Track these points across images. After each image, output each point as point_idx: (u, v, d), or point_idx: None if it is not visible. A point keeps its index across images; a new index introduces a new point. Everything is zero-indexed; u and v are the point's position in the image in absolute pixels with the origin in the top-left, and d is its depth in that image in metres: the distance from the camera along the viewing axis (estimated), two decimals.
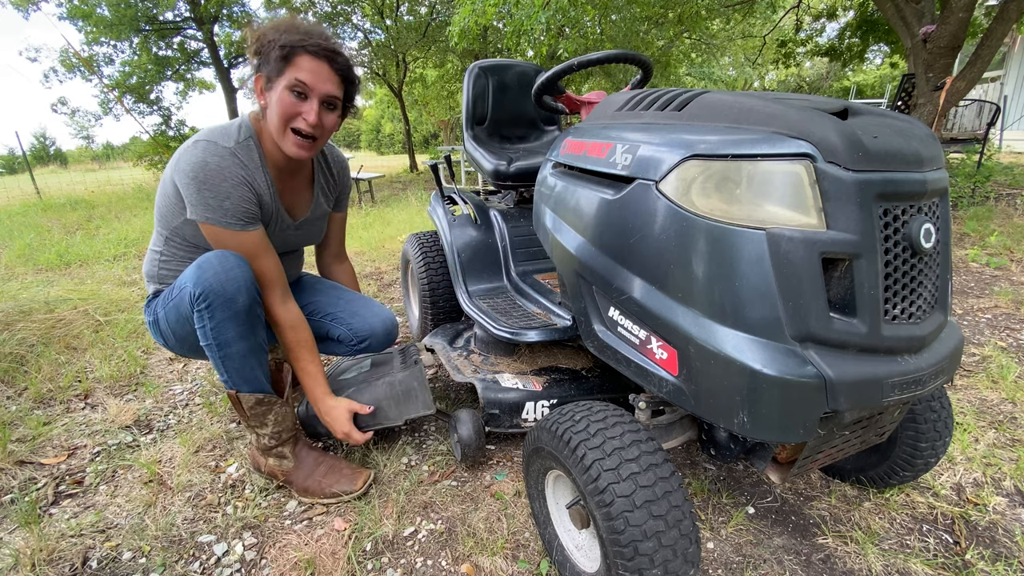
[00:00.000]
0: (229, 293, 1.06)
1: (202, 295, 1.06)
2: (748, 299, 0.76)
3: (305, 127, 1.12)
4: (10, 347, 2.04)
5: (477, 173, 2.31)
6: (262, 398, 1.19)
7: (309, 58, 1.07)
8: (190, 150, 1.09)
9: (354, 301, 1.44)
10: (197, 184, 1.07)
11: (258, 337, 1.15)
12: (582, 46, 8.69)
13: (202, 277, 1.06)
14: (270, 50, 1.07)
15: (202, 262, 1.08)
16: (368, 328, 1.38)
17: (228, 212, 1.09)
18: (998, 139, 8.41)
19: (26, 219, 5.87)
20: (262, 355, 1.18)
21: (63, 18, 10.46)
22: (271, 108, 1.11)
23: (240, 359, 1.13)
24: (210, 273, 1.06)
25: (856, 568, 1.08)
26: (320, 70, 1.09)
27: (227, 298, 1.06)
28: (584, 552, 1.03)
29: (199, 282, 1.06)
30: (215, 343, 1.10)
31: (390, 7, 11.65)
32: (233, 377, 1.15)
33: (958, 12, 4.24)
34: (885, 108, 1.53)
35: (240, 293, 1.07)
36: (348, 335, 1.38)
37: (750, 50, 14.05)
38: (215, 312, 1.07)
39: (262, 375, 1.18)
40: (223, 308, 1.07)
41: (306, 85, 1.09)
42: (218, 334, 1.09)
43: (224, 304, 1.07)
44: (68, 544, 1.15)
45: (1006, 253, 3.30)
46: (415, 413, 1.39)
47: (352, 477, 1.29)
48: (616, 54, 1.27)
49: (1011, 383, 1.76)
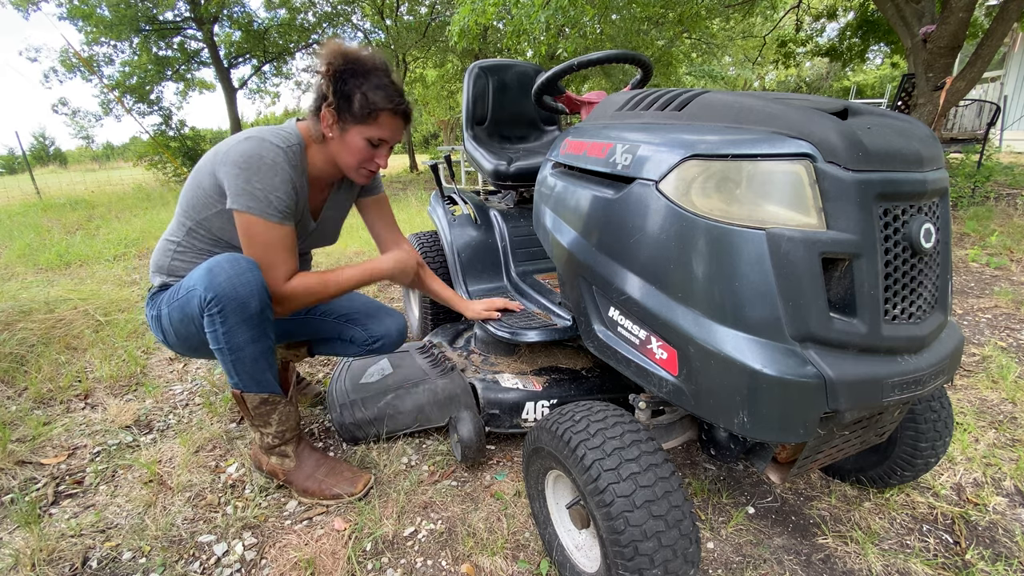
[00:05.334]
0: (242, 298, 1.06)
1: (214, 299, 1.05)
2: (748, 299, 0.76)
3: (376, 169, 1.25)
4: (10, 347, 2.04)
5: (477, 173, 2.31)
6: (267, 398, 1.20)
7: (391, 117, 1.16)
8: (242, 143, 1.11)
9: (368, 304, 1.48)
10: (247, 175, 1.09)
11: (269, 339, 1.15)
12: (582, 46, 8.69)
13: (214, 281, 1.05)
14: (353, 95, 1.12)
15: (213, 266, 1.07)
16: (383, 330, 1.43)
17: (272, 204, 1.10)
18: (998, 139, 8.41)
19: (26, 219, 5.87)
20: (272, 356, 1.19)
21: (63, 18, 10.46)
22: (342, 145, 1.18)
23: (252, 362, 1.14)
24: (222, 277, 1.06)
25: (856, 568, 1.08)
26: (398, 127, 1.20)
27: (240, 303, 1.07)
28: (584, 552, 1.03)
29: (211, 286, 1.05)
30: (227, 347, 1.10)
31: (390, 7, 11.66)
32: (244, 379, 1.15)
33: (958, 12, 4.24)
34: (885, 108, 1.53)
35: (252, 297, 1.07)
36: (363, 336, 1.42)
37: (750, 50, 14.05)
38: (227, 317, 1.07)
39: (272, 376, 1.19)
40: (236, 313, 1.07)
41: (385, 141, 1.20)
42: (230, 338, 1.09)
43: (237, 309, 1.07)
44: (68, 544, 1.15)
45: (1006, 253, 3.30)
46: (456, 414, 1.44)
47: (352, 479, 1.30)
48: (616, 54, 1.27)
49: (1011, 383, 1.76)
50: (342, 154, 1.20)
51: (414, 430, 1.51)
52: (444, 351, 1.71)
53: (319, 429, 1.61)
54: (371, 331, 1.42)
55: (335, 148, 1.19)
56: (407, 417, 1.49)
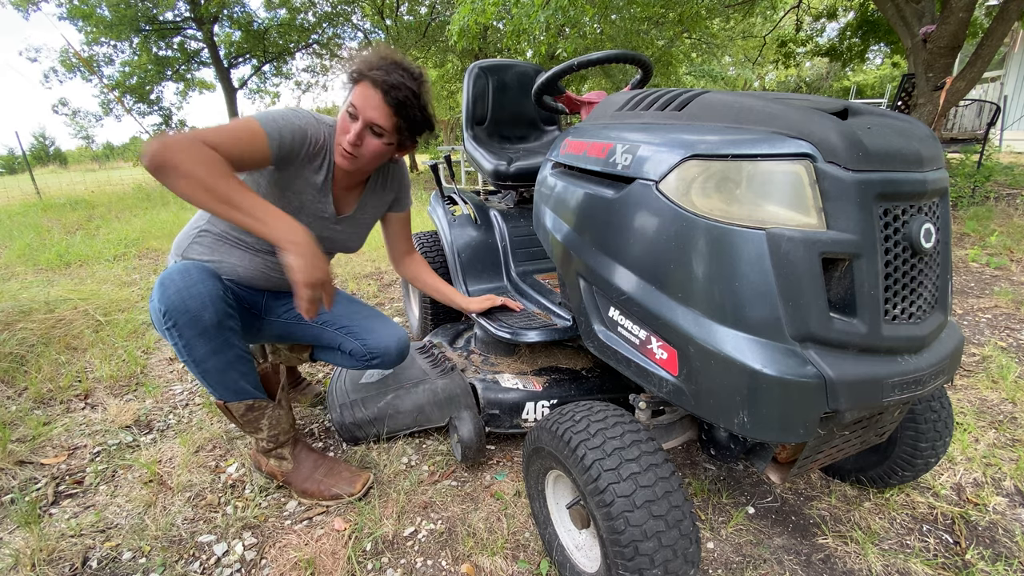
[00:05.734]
0: (193, 311, 1.02)
1: (166, 313, 1.02)
2: (748, 299, 0.76)
3: (345, 144, 1.16)
4: (10, 347, 2.04)
5: (477, 173, 2.31)
6: (252, 404, 1.18)
7: (367, 85, 1.13)
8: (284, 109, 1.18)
9: (370, 317, 1.42)
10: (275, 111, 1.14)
11: (234, 349, 1.11)
12: (582, 46, 8.68)
13: (164, 294, 1.02)
14: (349, 73, 1.16)
15: (164, 278, 1.04)
16: (382, 346, 1.37)
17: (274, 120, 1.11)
18: (998, 139, 8.41)
19: (26, 219, 5.87)
20: (243, 364, 1.14)
21: (63, 18, 10.46)
22: (389, 151, 1.22)
23: (219, 373, 1.10)
24: (172, 290, 1.02)
25: (856, 568, 1.08)
26: (371, 98, 1.13)
27: (192, 316, 1.02)
28: (584, 552, 1.03)
29: (163, 299, 1.02)
30: (190, 359, 1.07)
31: (390, 7, 11.65)
32: (218, 390, 1.13)
33: (958, 12, 4.24)
34: (885, 108, 1.53)
35: (204, 309, 1.03)
36: (360, 350, 1.36)
37: (750, 50, 14.05)
38: (183, 331, 1.03)
39: (247, 383, 1.16)
40: (189, 326, 1.03)
41: (356, 109, 1.14)
42: (191, 351, 1.06)
43: (190, 323, 1.03)
44: (68, 544, 1.15)
45: (1006, 253, 3.30)
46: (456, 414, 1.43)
47: (351, 479, 1.29)
48: (616, 54, 1.27)
49: (1011, 383, 1.76)
50: (384, 156, 1.22)
51: (414, 430, 1.51)
52: (444, 351, 1.71)
53: (319, 429, 1.61)
54: (369, 346, 1.37)
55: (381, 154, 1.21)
56: (407, 417, 1.49)
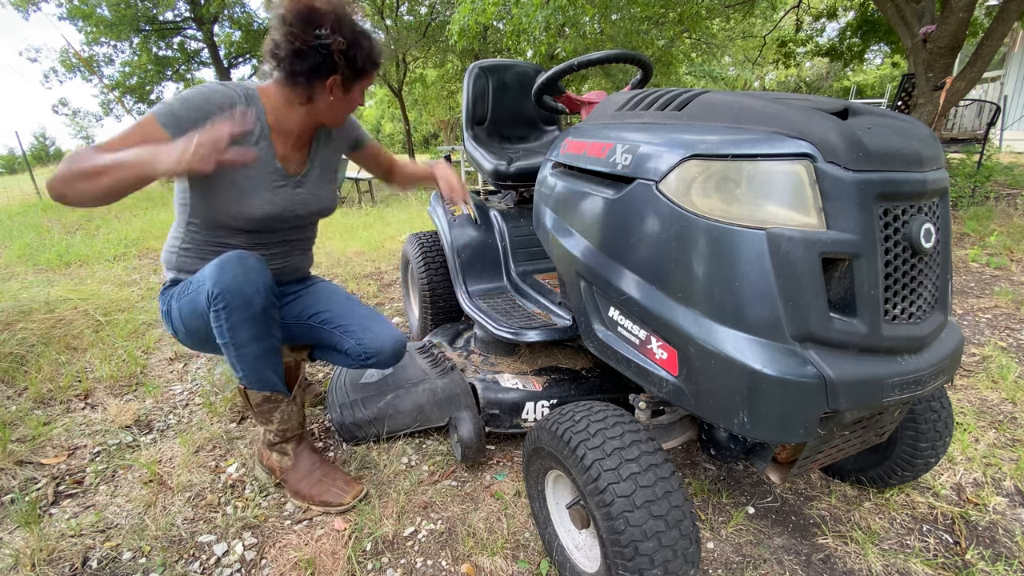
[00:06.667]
0: (247, 295, 1.08)
1: (219, 295, 1.08)
2: (748, 299, 0.76)
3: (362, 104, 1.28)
4: (10, 347, 2.04)
5: (477, 173, 2.31)
6: (270, 395, 1.22)
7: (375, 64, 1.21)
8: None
9: (367, 317, 1.41)
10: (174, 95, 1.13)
11: (272, 339, 1.17)
12: (582, 46, 8.68)
13: (221, 278, 1.08)
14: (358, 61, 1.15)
15: (223, 262, 1.09)
16: (377, 345, 1.35)
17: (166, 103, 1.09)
18: (998, 139, 8.41)
19: (26, 219, 5.87)
20: (275, 356, 1.20)
21: (63, 18, 10.46)
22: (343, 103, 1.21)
23: (254, 360, 1.15)
24: (230, 275, 1.08)
25: (856, 568, 1.08)
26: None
27: (245, 299, 1.08)
28: (584, 552, 1.03)
29: (218, 282, 1.08)
30: (231, 343, 1.12)
31: (390, 7, 11.64)
32: (248, 376, 1.18)
33: (958, 12, 4.24)
34: (885, 108, 1.53)
35: (258, 295, 1.10)
36: (356, 349, 1.35)
37: (750, 50, 14.04)
38: (232, 313, 1.09)
39: (274, 375, 1.21)
40: (240, 309, 1.09)
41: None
42: (234, 335, 1.11)
43: (241, 305, 1.08)
44: (68, 544, 1.15)
45: (1006, 253, 3.30)
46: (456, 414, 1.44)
47: (344, 489, 1.27)
48: (616, 54, 1.27)
49: (1011, 383, 1.76)
50: (338, 110, 1.23)
51: (414, 430, 1.51)
52: (444, 351, 1.71)
53: (319, 429, 1.61)
54: (365, 346, 1.35)
55: (331, 107, 1.20)
56: (407, 417, 1.49)
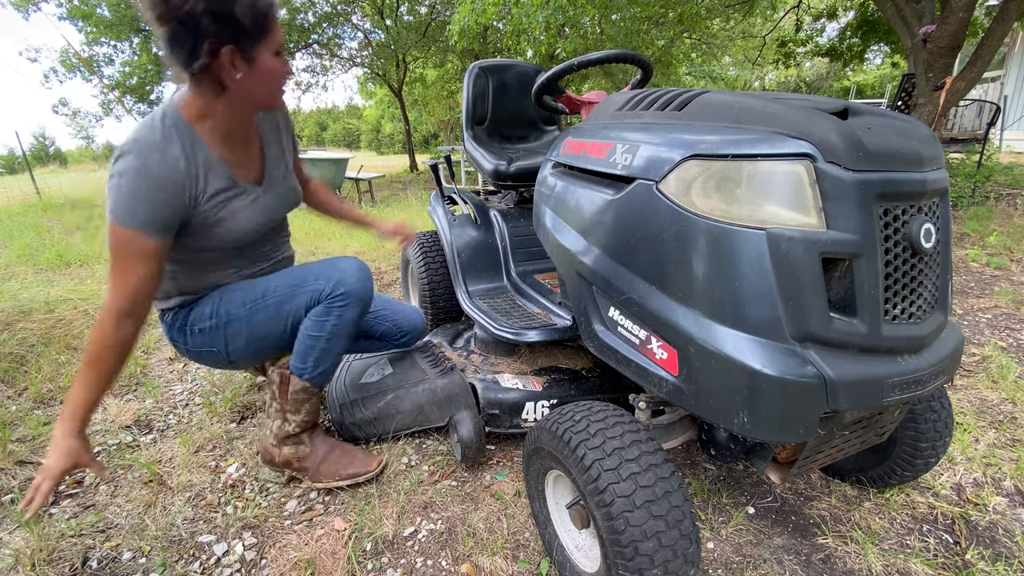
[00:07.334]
0: (366, 301, 1.20)
1: (344, 293, 1.17)
2: (748, 299, 0.76)
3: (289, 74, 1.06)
4: (10, 347, 2.03)
5: (477, 173, 2.31)
6: (309, 387, 1.25)
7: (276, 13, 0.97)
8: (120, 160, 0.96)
9: (390, 302, 1.58)
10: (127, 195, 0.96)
11: (350, 343, 1.28)
12: (582, 46, 8.67)
13: (345, 279, 1.17)
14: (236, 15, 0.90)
15: (343, 265, 1.19)
16: (410, 324, 1.53)
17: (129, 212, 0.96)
18: (998, 139, 8.41)
19: (26, 219, 5.86)
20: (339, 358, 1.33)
21: (63, 18, 10.44)
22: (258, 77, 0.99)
23: (333, 355, 1.23)
24: (355, 277, 1.18)
25: (856, 568, 1.08)
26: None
27: (364, 304, 1.21)
28: (584, 552, 1.03)
29: (345, 282, 1.17)
30: (330, 335, 1.18)
31: (390, 7, 11.64)
32: (315, 366, 1.22)
33: (958, 12, 4.24)
34: (885, 108, 1.53)
35: (369, 298, 1.22)
36: (393, 330, 1.52)
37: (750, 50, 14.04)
38: (349, 311, 1.18)
39: (330, 374, 1.29)
40: (356, 306, 1.19)
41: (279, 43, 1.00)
42: (337, 329, 1.19)
43: (359, 303, 1.19)
44: (68, 544, 1.15)
45: (1006, 253, 3.30)
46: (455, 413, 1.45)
47: (366, 460, 1.35)
48: (616, 54, 1.27)
49: (1011, 383, 1.76)
50: (259, 87, 1.02)
51: (414, 430, 1.51)
52: (444, 351, 1.71)
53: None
54: (400, 325, 1.52)
55: (248, 86, 1.00)
56: (407, 417, 1.49)
